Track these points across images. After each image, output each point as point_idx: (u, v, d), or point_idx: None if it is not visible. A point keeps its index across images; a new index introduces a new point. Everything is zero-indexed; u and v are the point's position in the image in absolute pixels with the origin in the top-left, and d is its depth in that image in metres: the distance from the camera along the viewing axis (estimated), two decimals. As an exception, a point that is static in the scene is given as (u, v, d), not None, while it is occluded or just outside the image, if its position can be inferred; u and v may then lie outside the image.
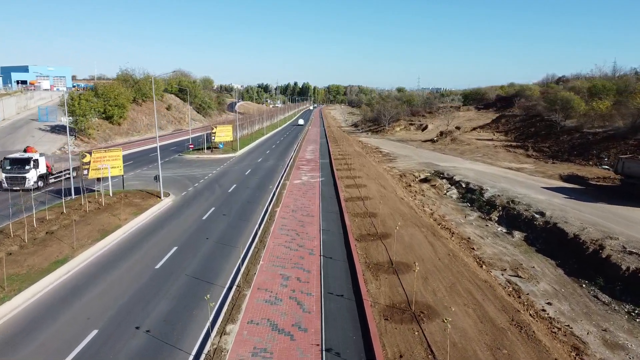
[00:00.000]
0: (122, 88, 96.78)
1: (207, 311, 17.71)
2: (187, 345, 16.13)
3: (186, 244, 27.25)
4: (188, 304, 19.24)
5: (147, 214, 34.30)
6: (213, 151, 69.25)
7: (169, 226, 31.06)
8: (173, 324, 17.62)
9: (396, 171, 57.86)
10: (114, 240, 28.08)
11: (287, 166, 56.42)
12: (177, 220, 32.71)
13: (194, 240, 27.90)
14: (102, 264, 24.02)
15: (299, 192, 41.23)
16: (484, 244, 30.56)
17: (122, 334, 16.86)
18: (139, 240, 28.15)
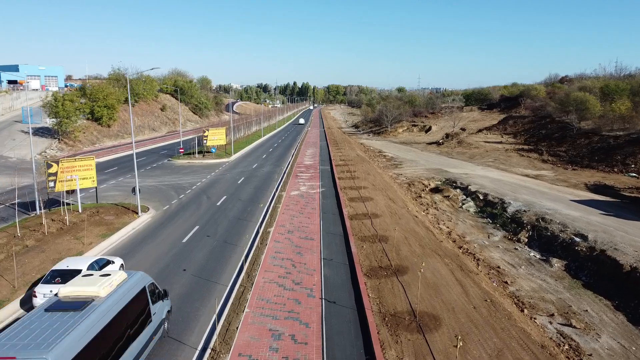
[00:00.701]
0: (112, 88, 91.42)
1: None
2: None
3: (157, 279, 21.84)
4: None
5: (118, 236, 28.89)
6: (205, 156, 63.85)
7: (140, 253, 25.65)
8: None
9: (403, 179, 52.45)
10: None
11: (284, 174, 51.01)
12: (153, 243, 27.29)
13: (167, 274, 22.49)
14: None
15: (296, 206, 35.83)
16: (518, 276, 25.17)
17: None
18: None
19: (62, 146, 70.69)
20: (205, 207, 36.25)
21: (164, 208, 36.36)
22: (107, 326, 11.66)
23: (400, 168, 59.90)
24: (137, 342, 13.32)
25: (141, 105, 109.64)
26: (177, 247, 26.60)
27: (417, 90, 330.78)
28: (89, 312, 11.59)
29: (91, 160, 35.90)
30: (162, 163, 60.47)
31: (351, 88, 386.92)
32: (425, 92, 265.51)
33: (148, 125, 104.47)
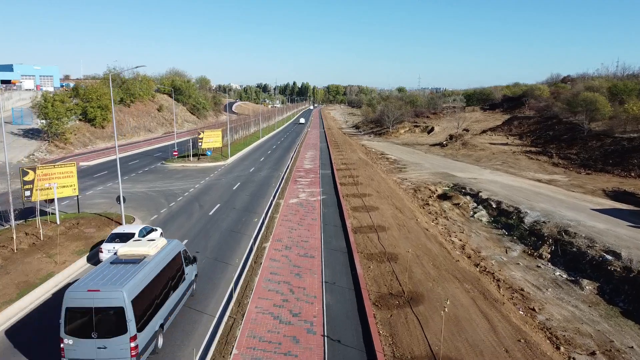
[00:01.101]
0: (106, 88, 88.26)
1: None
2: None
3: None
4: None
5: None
6: (200, 159, 60.73)
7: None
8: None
9: (408, 184, 49.39)
10: (29, 305, 19.51)
11: (283, 179, 47.91)
12: (133, 263, 24.19)
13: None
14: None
15: (295, 216, 32.75)
16: (546, 300, 22.12)
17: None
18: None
19: (51, 148, 67.58)
20: (197, 217, 33.19)
21: (151, 218, 33.30)
22: (156, 276, 15.68)
23: (405, 172, 56.82)
24: (176, 293, 17.32)
25: (137, 106, 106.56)
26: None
27: (418, 90, 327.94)
28: (143, 265, 15.49)
29: (72, 166, 32.80)
30: (155, 167, 57.36)
31: (351, 88, 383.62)
32: (425, 92, 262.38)
33: (144, 126, 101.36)
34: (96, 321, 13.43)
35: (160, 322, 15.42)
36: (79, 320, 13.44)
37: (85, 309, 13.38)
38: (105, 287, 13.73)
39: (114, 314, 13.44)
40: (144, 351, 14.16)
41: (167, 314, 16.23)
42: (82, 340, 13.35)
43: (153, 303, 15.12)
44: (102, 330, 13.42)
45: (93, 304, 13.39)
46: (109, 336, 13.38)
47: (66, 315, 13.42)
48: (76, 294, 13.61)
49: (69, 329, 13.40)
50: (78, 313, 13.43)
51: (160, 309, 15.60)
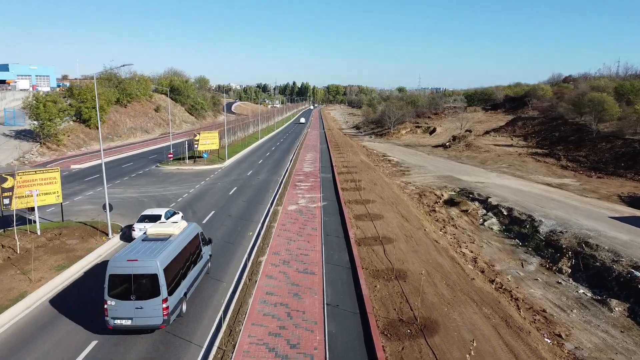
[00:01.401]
0: (102, 88, 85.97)
1: None
2: None
3: (112, 337, 16.50)
4: None
5: (77, 268, 23.48)
6: (196, 161, 58.40)
7: (99, 295, 20.29)
8: None
9: (413, 188, 47.10)
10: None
11: (281, 183, 45.61)
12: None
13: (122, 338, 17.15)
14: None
15: (294, 226, 30.44)
16: (572, 324, 19.83)
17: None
18: (36, 331, 17.24)
19: (43, 150, 65.33)
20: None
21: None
22: (180, 252, 17.88)
23: (409, 175, 54.53)
24: (196, 268, 19.60)
25: (134, 106, 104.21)
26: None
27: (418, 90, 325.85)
28: (170, 242, 17.66)
29: (55, 172, 30.51)
30: (149, 170, 55.05)
31: (351, 88, 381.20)
32: (425, 92, 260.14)
33: (141, 127, 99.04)
34: (134, 286, 15.87)
35: (184, 291, 17.97)
36: (120, 285, 15.88)
37: (125, 275, 15.86)
38: (141, 257, 16.26)
39: (149, 280, 15.89)
40: (173, 312, 16.54)
41: (189, 284, 18.69)
42: (123, 302, 15.75)
43: (179, 273, 17.62)
44: (139, 294, 15.84)
45: (132, 271, 15.91)
46: (145, 298, 15.81)
47: (109, 281, 15.88)
48: (118, 263, 16.13)
49: (112, 293, 15.86)
50: (119, 279, 15.88)
51: (184, 279, 18.13)
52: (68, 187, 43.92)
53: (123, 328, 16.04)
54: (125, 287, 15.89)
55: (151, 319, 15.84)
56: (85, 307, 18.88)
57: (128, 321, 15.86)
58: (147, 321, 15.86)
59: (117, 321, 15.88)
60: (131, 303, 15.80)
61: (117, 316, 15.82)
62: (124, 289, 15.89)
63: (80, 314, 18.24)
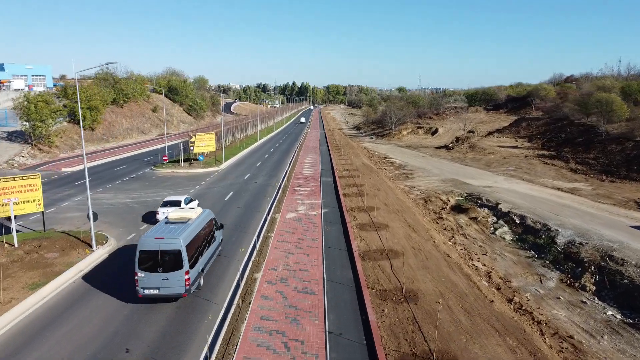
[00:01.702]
0: (97, 88, 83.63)
1: None
2: None
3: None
4: None
5: (54, 286, 21.15)
6: (192, 164, 56.08)
7: (77, 318, 17.98)
8: None
9: (417, 193, 44.83)
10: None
11: (280, 187, 43.33)
12: (96, 302, 19.49)
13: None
14: None
15: (292, 236, 28.17)
16: (605, 354, 17.55)
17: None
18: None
19: (35, 152, 63.03)
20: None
21: (128, 237, 28.73)
22: (198, 233, 20.35)
23: (412, 179, 52.25)
24: (210, 248, 22.03)
25: (131, 106, 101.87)
26: (128, 309, 18.80)
27: (418, 90, 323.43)
28: (189, 225, 20.05)
29: (35, 179, 28.24)
30: (143, 173, 52.75)
31: (351, 88, 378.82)
32: (426, 93, 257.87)
33: (137, 128, 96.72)
34: (161, 260, 18.03)
35: (201, 267, 20.19)
36: (148, 260, 18.01)
37: (153, 251, 18.04)
38: (167, 236, 18.41)
39: (173, 255, 18.05)
40: (193, 284, 18.71)
41: (205, 261, 20.96)
42: (151, 274, 17.92)
43: (197, 251, 19.77)
44: (165, 267, 18.00)
45: (159, 247, 18.07)
46: (169, 271, 17.96)
47: (139, 256, 18.01)
48: (147, 241, 18.34)
49: (141, 266, 17.94)
50: (148, 254, 18.04)
51: (202, 257, 20.34)
52: (56, 192, 41.73)
53: (151, 296, 18.38)
54: (153, 261, 18.19)
55: (175, 289, 18.23)
56: (57, 335, 16.60)
57: (155, 290, 18.23)
58: (172, 290, 18.23)
59: (146, 290, 18.19)
60: (158, 275, 18.09)
61: (146, 286, 18.13)
62: (152, 263, 18.18)
63: (55, 347, 15.94)
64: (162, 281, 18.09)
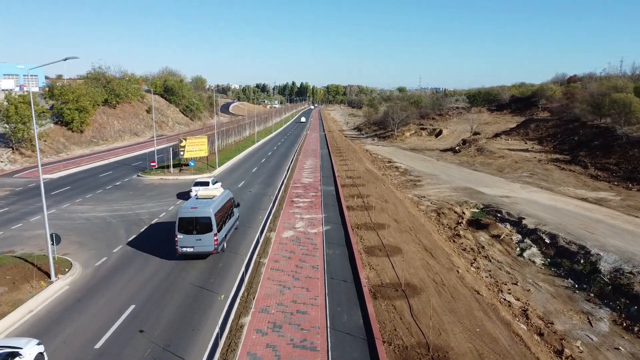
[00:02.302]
0: (85, 89, 79.05)
1: None
2: None
3: None
4: None
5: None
6: (182, 170, 51.56)
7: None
8: None
9: (428, 204, 40.38)
10: None
11: (276, 198, 38.83)
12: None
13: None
14: None
15: (289, 263, 23.67)
16: None
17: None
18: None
19: (15, 157, 58.53)
20: (158, 262, 24.18)
21: (96, 263, 24.23)
22: (222, 206, 25.09)
23: (421, 187, 47.78)
24: (230, 221, 26.68)
25: (124, 107, 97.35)
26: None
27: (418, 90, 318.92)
28: (215, 200, 24.86)
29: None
30: (129, 180, 48.25)
31: (351, 88, 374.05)
32: (426, 93, 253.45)
33: (130, 130, 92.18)
34: (195, 225, 22.83)
35: (224, 234, 25.00)
36: (186, 225, 22.83)
37: (189, 218, 22.95)
38: (199, 207, 23.48)
39: (205, 221, 22.88)
40: (219, 245, 23.60)
41: (227, 230, 25.62)
42: (187, 236, 22.81)
43: (221, 220, 24.43)
44: (198, 230, 22.84)
45: (194, 215, 23.03)
46: (202, 233, 22.83)
47: (179, 222, 22.82)
48: (185, 210, 23.29)
49: (180, 230, 22.76)
50: (185, 221, 22.88)
51: (225, 225, 25.09)
52: (28, 204, 37.31)
53: (187, 253, 22.93)
54: (190, 226, 22.54)
55: (206, 247, 22.79)
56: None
57: (191, 249, 22.74)
58: (204, 249, 22.78)
59: (184, 249, 22.78)
60: (193, 236, 22.56)
61: (184, 245, 22.68)
62: (188, 227, 22.53)
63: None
64: (196, 241, 22.75)
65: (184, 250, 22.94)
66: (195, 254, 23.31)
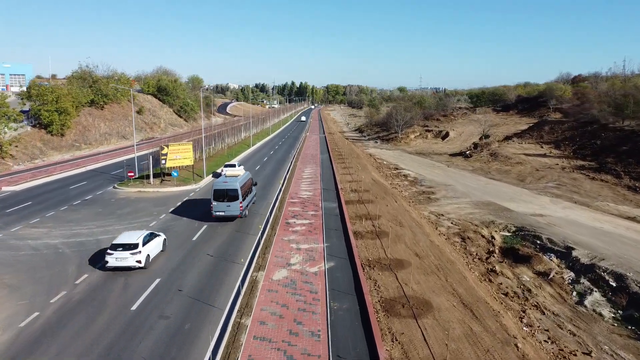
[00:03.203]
0: (67, 89, 72.27)
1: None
2: None
3: None
4: None
5: None
6: (163, 181, 44.91)
7: None
8: None
9: (448, 224, 33.83)
10: None
11: (268, 219, 32.13)
12: None
13: None
14: None
15: (280, 326, 17.05)
16: None
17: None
18: None
19: (-19, 165, 51.94)
20: (106, 320, 17.63)
21: (22, 323, 17.66)
22: (244, 183, 31.39)
23: (436, 202, 41.18)
24: (250, 196, 33.03)
25: (112, 108, 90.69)
26: None
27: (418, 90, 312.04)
28: (239, 177, 31.53)
29: None
30: (103, 192, 41.64)
31: (351, 88, 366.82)
32: (427, 93, 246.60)
33: (117, 132, 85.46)
34: (226, 195, 29.72)
35: (247, 203, 31.73)
36: (219, 195, 29.71)
37: (222, 190, 29.72)
38: (229, 182, 30.18)
39: (233, 193, 29.67)
40: (243, 211, 30.52)
41: (248, 202, 32.47)
42: (220, 202, 29.71)
43: (245, 193, 31.15)
44: (228, 199, 29.72)
45: (225, 187, 29.75)
46: (231, 201, 29.70)
47: (214, 193, 29.66)
48: (218, 184, 30.00)
49: (214, 199, 29.65)
50: (219, 192, 29.69)
51: (247, 197, 31.96)
52: (-27, 224, 30.73)
53: (220, 216, 30.28)
54: (222, 195, 29.90)
55: (234, 212, 30.06)
56: None
57: (222, 213, 30.10)
58: (232, 213, 30.09)
59: (217, 212, 30.05)
60: (224, 203, 29.93)
61: (217, 210, 30.00)
62: (221, 196, 29.90)
63: None
64: (226, 207, 29.95)
65: (217, 214, 30.05)
66: (226, 217, 30.30)
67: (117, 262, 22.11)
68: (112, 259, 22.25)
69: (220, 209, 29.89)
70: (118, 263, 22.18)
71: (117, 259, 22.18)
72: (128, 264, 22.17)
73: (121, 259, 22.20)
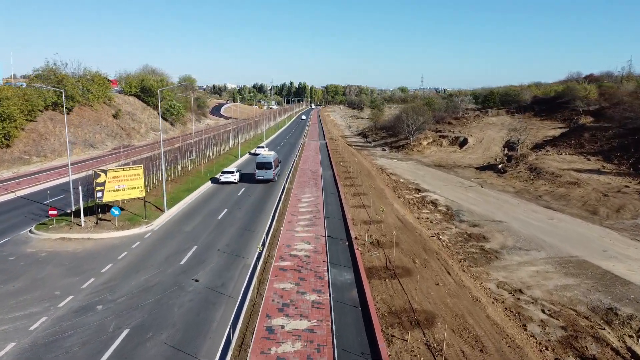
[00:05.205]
0: (11, 91, 58.31)
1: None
2: None
3: None
4: None
5: None
6: (101, 220, 30.95)
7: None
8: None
9: (541, 316, 19.98)
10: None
11: (243, 305, 18.45)
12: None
13: None
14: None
15: None
16: None
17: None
18: None
19: None
20: None
21: None
22: (274, 159, 48.97)
23: (498, 259, 27.28)
24: (277, 168, 50.54)
25: (82, 112, 76.76)
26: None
27: (419, 91, 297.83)
28: (271, 155, 48.78)
29: None
30: (7, 241, 27.80)
31: (351, 88, 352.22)
32: (430, 93, 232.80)
33: (84, 140, 71.35)
34: (264, 166, 46.04)
35: (277, 172, 48.72)
36: (260, 165, 46.15)
37: (262, 162, 46.36)
38: (266, 157, 47.19)
39: (268, 165, 46.02)
40: (274, 177, 46.88)
41: (276, 171, 48.53)
42: (260, 170, 45.93)
43: (275, 165, 47.55)
44: (265, 168, 45.95)
45: (264, 160, 46.60)
46: (267, 170, 45.93)
47: (257, 164, 46.61)
48: (260, 159, 47.04)
49: (257, 168, 46.21)
50: (260, 163, 46.36)
51: (276, 169, 48.45)
52: None
53: (259, 179, 45.75)
54: (262, 166, 45.64)
55: (269, 177, 45.66)
56: None
57: (262, 177, 45.60)
58: (268, 177, 45.66)
59: (259, 177, 45.61)
60: (263, 171, 45.58)
61: (258, 175, 45.67)
62: (261, 167, 45.60)
63: None
64: (264, 173, 45.46)
65: (259, 177, 45.55)
66: (264, 180, 45.70)
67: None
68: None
69: (260, 175, 45.28)
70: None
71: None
72: None
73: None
